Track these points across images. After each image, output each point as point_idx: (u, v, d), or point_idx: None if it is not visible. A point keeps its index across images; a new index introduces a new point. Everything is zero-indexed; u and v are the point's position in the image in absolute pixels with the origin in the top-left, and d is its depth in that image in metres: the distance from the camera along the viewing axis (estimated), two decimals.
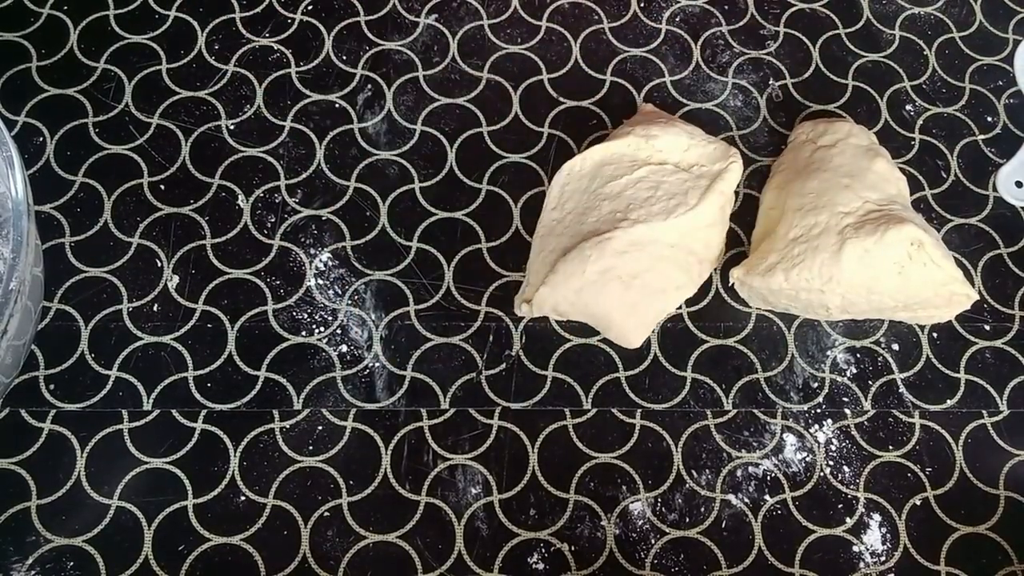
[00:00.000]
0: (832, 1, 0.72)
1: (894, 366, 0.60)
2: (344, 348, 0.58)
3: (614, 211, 0.56)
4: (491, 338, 0.59)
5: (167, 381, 0.57)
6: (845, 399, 0.59)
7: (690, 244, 0.56)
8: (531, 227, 0.62)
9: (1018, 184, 0.66)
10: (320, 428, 0.56)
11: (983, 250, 0.64)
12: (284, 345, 0.58)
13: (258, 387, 0.57)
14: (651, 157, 0.59)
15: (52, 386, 0.56)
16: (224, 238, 0.61)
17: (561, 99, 0.67)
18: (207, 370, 0.57)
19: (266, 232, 0.61)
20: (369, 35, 0.68)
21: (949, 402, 0.59)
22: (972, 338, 0.61)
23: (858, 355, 0.60)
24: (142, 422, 0.56)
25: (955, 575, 0.55)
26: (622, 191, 0.57)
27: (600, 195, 0.58)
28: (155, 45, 0.67)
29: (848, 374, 0.60)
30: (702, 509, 0.56)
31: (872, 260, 0.54)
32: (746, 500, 0.56)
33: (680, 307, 0.60)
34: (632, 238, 0.55)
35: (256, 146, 0.64)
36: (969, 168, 0.66)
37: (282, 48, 0.68)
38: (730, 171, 0.57)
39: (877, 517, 0.56)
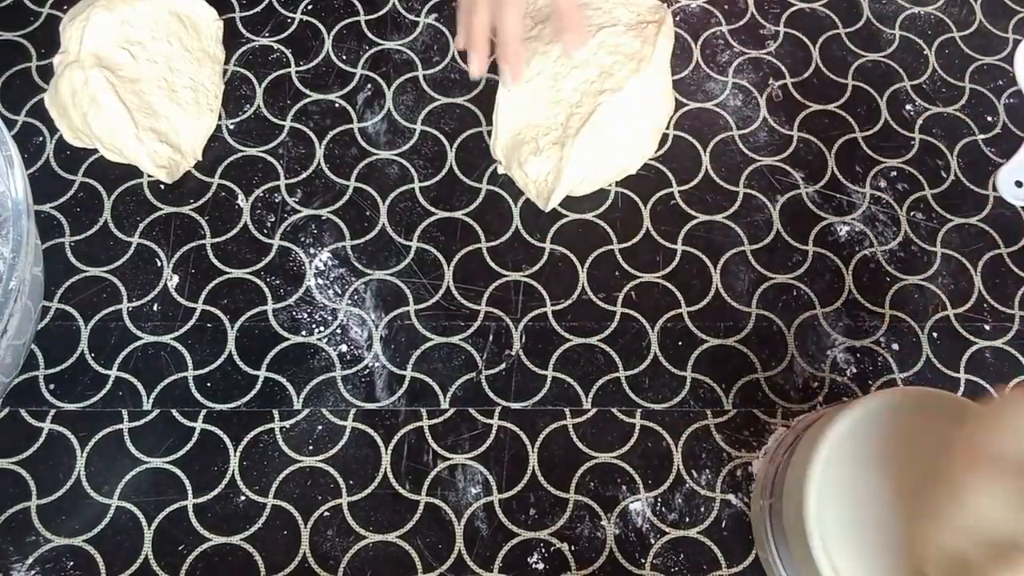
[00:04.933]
0: (832, 1, 0.72)
1: (894, 366, 0.60)
2: (344, 348, 0.58)
3: (588, 80, 0.61)
4: (491, 338, 0.59)
5: (167, 381, 0.57)
6: (845, 399, 0.59)
7: (651, 96, 0.62)
8: (531, 227, 0.62)
9: (1018, 184, 0.66)
10: (320, 428, 0.56)
11: (983, 250, 0.64)
12: (284, 345, 0.58)
13: (258, 387, 0.57)
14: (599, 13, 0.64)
15: (52, 386, 0.56)
16: (224, 238, 0.61)
17: None
18: (207, 370, 0.57)
19: (266, 232, 0.61)
20: (369, 35, 0.68)
21: None
22: (972, 338, 0.61)
23: (858, 355, 0.60)
24: (142, 422, 0.56)
25: None
26: (589, 59, 0.61)
27: (568, 63, 0.62)
28: None
29: (848, 374, 0.60)
30: (702, 509, 0.56)
31: None
32: (746, 500, 0.56)
33: (680, 306, 0.60)
34: (614, 107, 0.60)
35: (256, 146, 0.64)
36: (969, 168, 0.66)
37: (282, 48, 0.67)
38: (666, 23, 0.64)
39: None
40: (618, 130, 0.61)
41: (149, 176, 0.62)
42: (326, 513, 0.54)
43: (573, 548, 0.54)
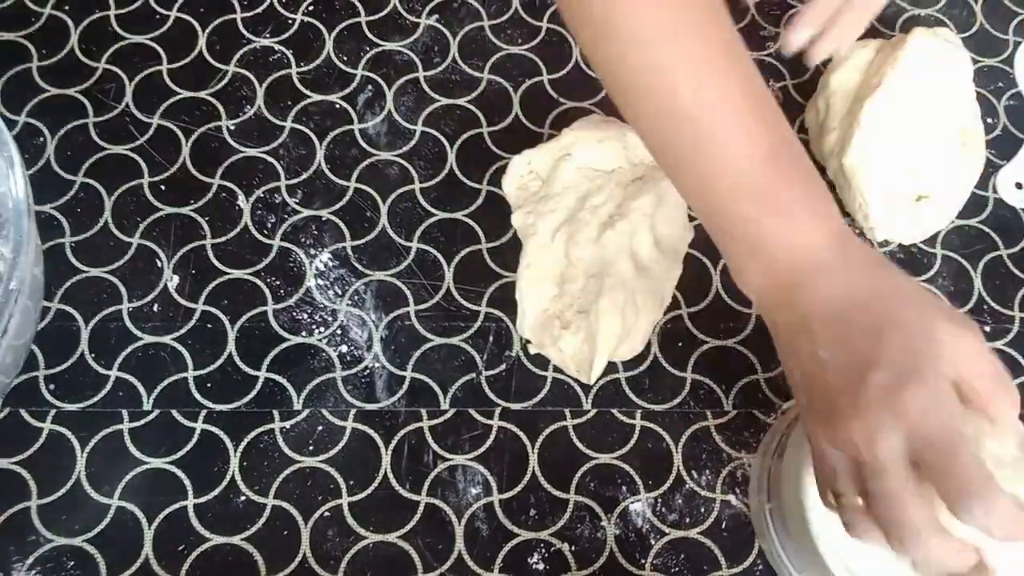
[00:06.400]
0: None
1: None
2: (344, 348, 0.58)
3: (594, 238, 0.57)
4: (491, 338, 0.59)
5: (167, 381, 0.57)
6: None
7: (662, 224, 0.59)
8: None
9: (1018, 185, 0.66)
10: (320, 428, 0.56)
11: (983, 251, 0.64)
12: (284, 345, 0.58)
13: (258, 387, 0.57)
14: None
15: (52, 386, 0.56)
16: (224, 238, 0.61)
17: (561, 99, 0.67)
18: (207, 370, 0.57)
19: (266, 232, 0.61)
20: (370, 36, 0.68)
21: None
22: None
23: None
24: (142, 422, 0.56)
25: None
26: (590, 218, 0.58)
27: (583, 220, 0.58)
28: (155, 45, 0.67)
29: None
30: (702, 509, 0.56)
31: None
32: (746, 500, 0.56)
33: (680, 307, 0.60)
34: (627, 259, 0.57)
35: (256, 146, 0.64)
36: None
37: (283, 48, 0.68)
38: None
39: None
40: (638, 277, 0.57)
41: (149, 176, 0.62)
42: (326, 513, 0.54)
43: (573, 548, 0.54)
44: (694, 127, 0.42)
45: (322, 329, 0.59)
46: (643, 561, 0.54)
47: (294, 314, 0.59)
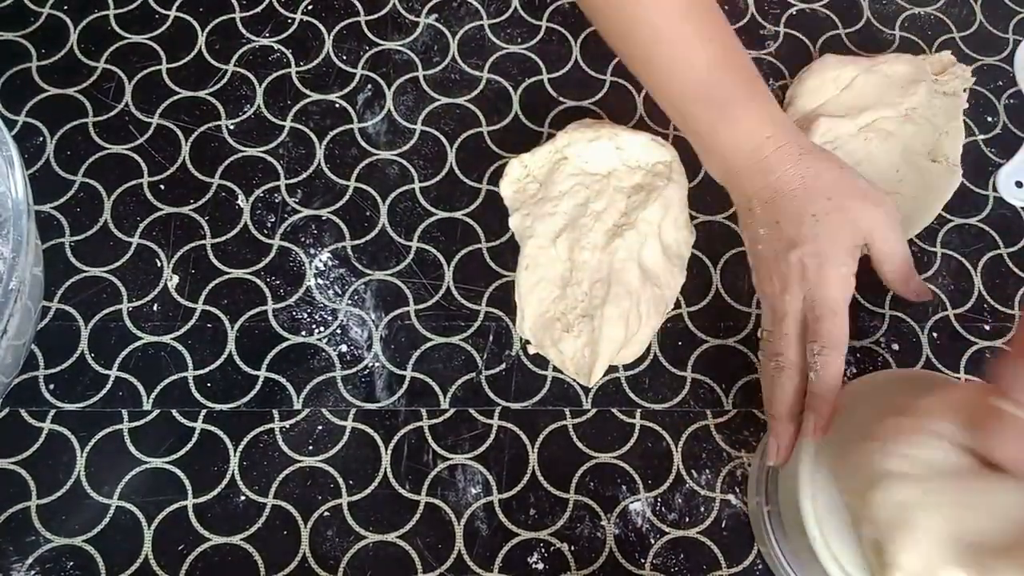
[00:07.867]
0: (832, 1, 0.72)
1: (894, 366, 0.60)
2: (344, 348, 0.58)
3: (600, 245, 0.57)
4: (491, 338, 0.59)
5: (167, 381, 0.57)
6: None
7: (668, 229, 0.59)
8: None
9: (1018, 184, 0.66)
10: (320, 428, 0.56)
11: (983, 250, 0.64)
12: (284, 345, 0.58)
13: (258, 387, 0.57)
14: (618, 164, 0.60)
15: (52, 386, 0.56)
16: (224, 238, 0.61)
17: (561, 99, 0.67)
18: (207, 370, 0.57)
19: (266, 232, 0.61)
20: (369, 35, 0.68)
21: None
22: (972, 338, 0.61)
23: (858, 355, 0.60)
24: (142, 422, 0.56)
25: None
26: (594, 224, 0.58)
27: (585, 226, 0.58)
28: (155, 45, 0.67)
29: (848, 374, 0.59)
30: (702, 509, 0.56)
31: None
32: (746, 499, 0.56)
33: (680, 307, 0.60)
34: (632, 266, 0.57)
35: (256, 146, 0.64)
36: (969, 168, 0.66)
37: (282, 48, 0.68)
38: (675, 169, 0.60)
39: None
40: (644, 285, 0.57)
41: (149, 176, 0.62)
42: (326, 513, 0.54)
43: (573, 548, 0.54)
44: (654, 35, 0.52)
45: (322, 329, 0.59)
46: (643, 561, 0.54)
47: (294, 314, 0.59)
